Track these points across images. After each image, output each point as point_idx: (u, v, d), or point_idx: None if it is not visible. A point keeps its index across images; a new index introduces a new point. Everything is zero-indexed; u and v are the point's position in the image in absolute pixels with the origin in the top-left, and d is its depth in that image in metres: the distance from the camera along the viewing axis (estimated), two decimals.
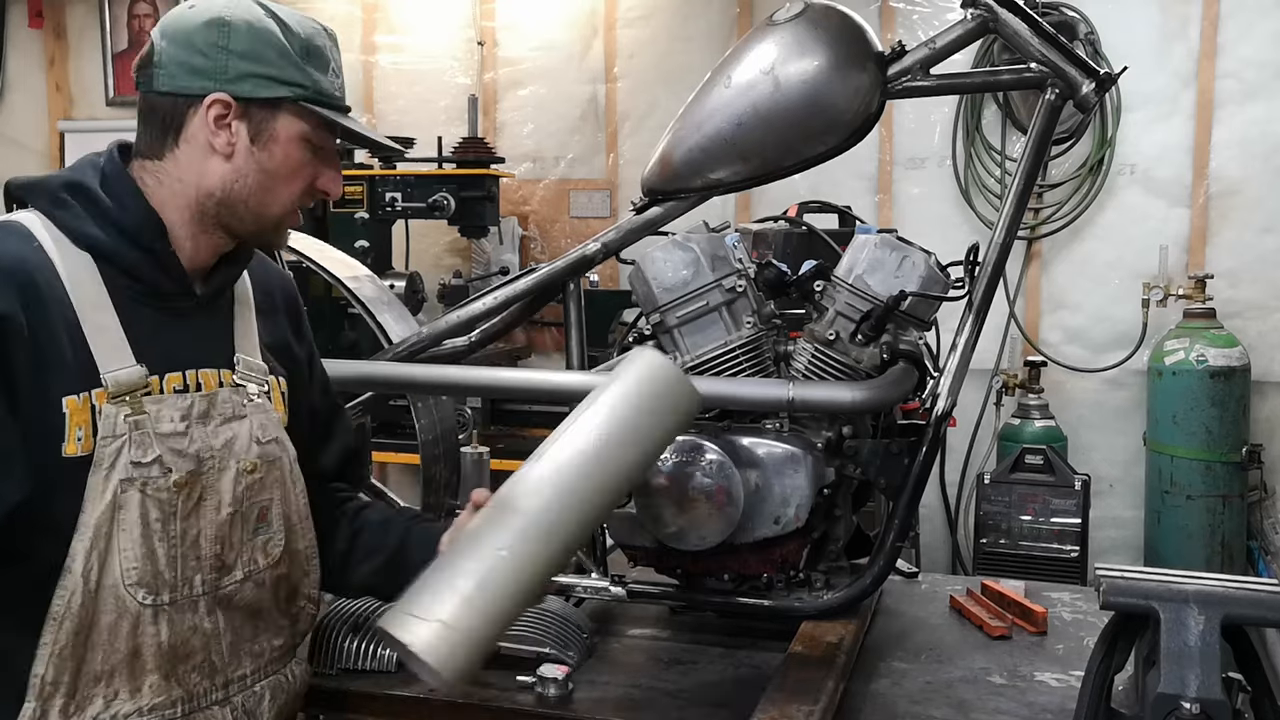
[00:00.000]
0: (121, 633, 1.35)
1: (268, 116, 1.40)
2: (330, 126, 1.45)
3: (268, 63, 1.39)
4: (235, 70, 1.37)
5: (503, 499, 1.41)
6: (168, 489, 1.36)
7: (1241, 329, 4.31)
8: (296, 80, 1.41)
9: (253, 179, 1.41)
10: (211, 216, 1.43)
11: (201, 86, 1.37)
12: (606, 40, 5.29)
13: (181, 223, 1.42)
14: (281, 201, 1.45)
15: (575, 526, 1.41)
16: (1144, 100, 4.53)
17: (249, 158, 1.41)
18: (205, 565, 1.41)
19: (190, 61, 1.37)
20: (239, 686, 1.48)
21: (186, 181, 1.41)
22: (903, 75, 1.98)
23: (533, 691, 1.77)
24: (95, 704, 1.34)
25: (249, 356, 1.51)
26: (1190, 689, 1.31)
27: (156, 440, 1.36)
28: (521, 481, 1.41)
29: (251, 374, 1.50)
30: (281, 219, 1.47)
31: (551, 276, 2.19)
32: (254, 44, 1.38)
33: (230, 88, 1.37)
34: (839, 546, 2.06)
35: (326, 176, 1.48)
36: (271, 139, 1.41)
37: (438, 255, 5.46)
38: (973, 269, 1.98)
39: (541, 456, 1.43)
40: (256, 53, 1.38)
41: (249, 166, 1.41)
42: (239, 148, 1.40)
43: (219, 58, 1.37)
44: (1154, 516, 4.33)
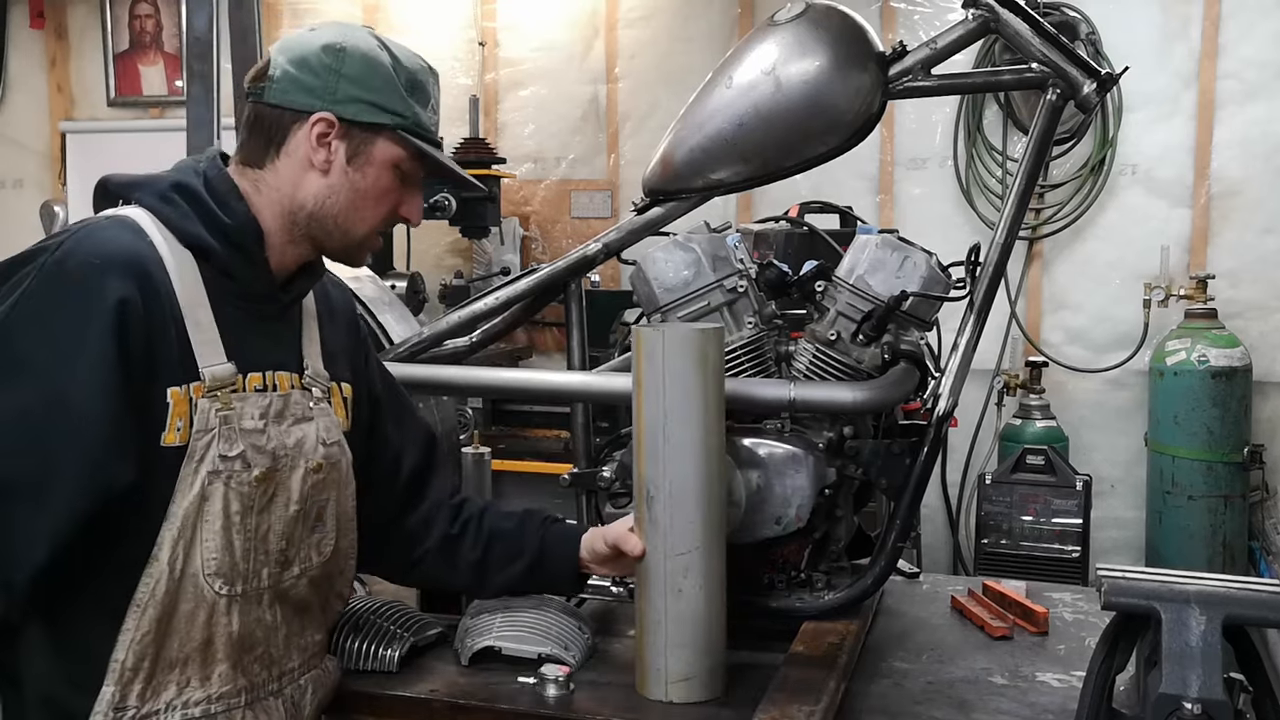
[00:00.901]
0: (198, 621, 1.40)
1: (367, 140, 1.48)
2: (422, 157, 1.52)
3: (375, 90, 1.46)
4: (344, 93, 1.45)
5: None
6: (249, 483, 1.42)
7: (1243, 329, 4.31)
8: (399, 110, 1.48)
9: (344, 197, 1.49)
10: (302, 228, 1.49)
11: (309, 104, 1.45)
12: (607, 41, 5.29)
13: (274, 230, 1.49)
14: (367, 221, 1.53)
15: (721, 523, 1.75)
16: (1145, 100, 4.53)
17: (343, 176, 1.48)
18: (272, 560, 1.47)
19: (303, 79, 1.45)
20: (289, 679, 1.55)
21: (283, 191, 1.48)
22: (904, 75, 1.98)
23: (533, 691, 1.77)
24: (169, 690, 1.39)
25: (315, 363, 1.57)
26: (1192, 689, 1.31)
27: (240, 435, 1.42)
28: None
29: (317, 380, 1.56)
30: (365, 238, 1.55)
31: (553, 277, 2.19)
32: (365, 71, 1.46)
33: (336, 108, 1.45)
34: (840, 547, 2.06)
35: (410, 204, 1.57)
36: (367, 162, 1.48)
37: (439, 255, 5.46)
38: (974, 269, 1.98)
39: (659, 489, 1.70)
40: (366, 79, 1.46)
41: (342, 184, 1.48)
42: (336, 166, 1.47)
43: (330, 79, 1.45)
44: (1155, 517, 4.33)
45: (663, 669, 1.73)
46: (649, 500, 1.72)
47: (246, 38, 2.72)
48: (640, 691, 1.76)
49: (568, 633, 1.89)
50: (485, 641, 1.87)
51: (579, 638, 1.90)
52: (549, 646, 1.85)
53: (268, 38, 5.13)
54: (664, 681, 1.73)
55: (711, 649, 1.75)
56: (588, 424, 2.14)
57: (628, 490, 1.99)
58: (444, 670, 1.88)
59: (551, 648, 1.85)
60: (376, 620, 1.88)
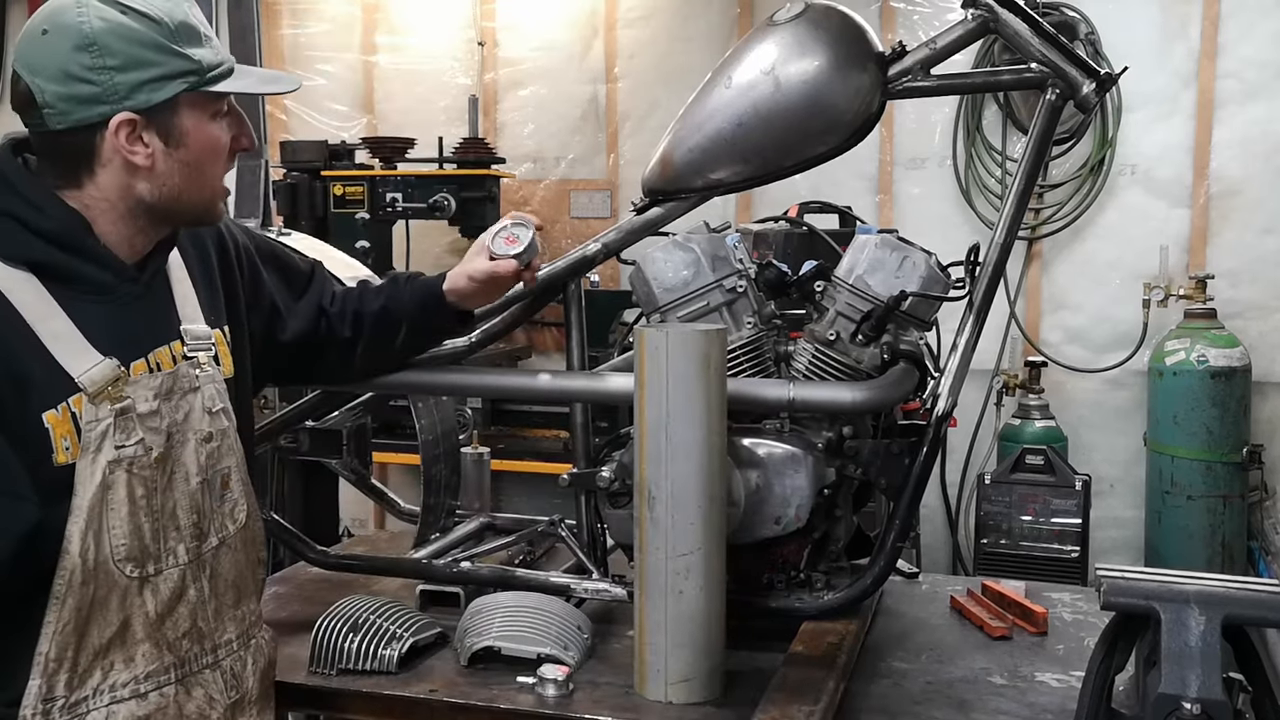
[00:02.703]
0: (112, 606, 1.40)
1: (172, 114, 1.41)
2: (223, 95, 1.46)
3: (150, 64, 1.37)
4: (125, 85, 1.36)
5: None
6: (150, 465, 1.42)
7: (1242, 329, 4.31)
8: (183, 69, 1.40)
9: (179, 176, 1.43)
10: (146, 217, 1.44)
11: (101, 113, 1.36)
12: (607, 40, 5.29)
13: (115, 230, 1.43)
14: (211, 180, 1.48)
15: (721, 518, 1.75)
16: (1144, 100, 4.53)
17: (169, 160, 1.42)
18: (186, 534, 1.47)
19: (76, 93, 1.35)
20: (226, 650, 1.55)
21: (114, 199, 1.42)
22: (903, 75, 1.98)
23: (533, 691, 1.77)
24: (94, 676, 1.40)
25: (192, 325, 1.53)
26: (1191, 689, 1.31)
27: (138, 421, 1.40)
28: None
29: (198, 341, 1.53)
30: (214, 196, 1.50)
31: (552, 277, 2.18)
32: (128, 50, 1.36)
33: (127, 104, 1.37)
34: (839, 547, 2.06)
35: (239, 136, 1.50)
36: (184, 134, 1.42)
37: (438, 255, 5.46)
38: (973, 269, 1.98)
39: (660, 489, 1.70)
40: (135, 58, 1.36)
41: (170, 168, 1.43)
42: (157, 155, 1.41)
43: (103, 79, 1.35)
44: (1154, 517, 4.33)
45: (663, 669, 1.73)
46: (650, 501, 1.72)
47: (246, 37, 2.73)
48: (640, 692, 1.76)
49: (567, 633, 1.89)
50: (485, 642, 1.87)
51: (578, 638, 1.90)
52: (548, 646, 1.85)
53: (266, 37, 5.14)
54: (664, 682, 1.73)
55: (711, 650, 1.75)
56: (587, 424, 2.14)
57: (627, 490, 1.99)
58: (444, 670, 1.88)
59: (551, 648, 1.85)
60: (376, 620, 1.88)
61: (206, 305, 1.57)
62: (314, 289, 1.85)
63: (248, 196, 2.84)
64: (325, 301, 1.84)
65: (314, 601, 2.16)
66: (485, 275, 1.80)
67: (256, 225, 2.72)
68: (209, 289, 1.59)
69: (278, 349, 1.77)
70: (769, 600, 2.00)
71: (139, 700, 1.43)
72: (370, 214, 4.74)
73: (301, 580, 2.37)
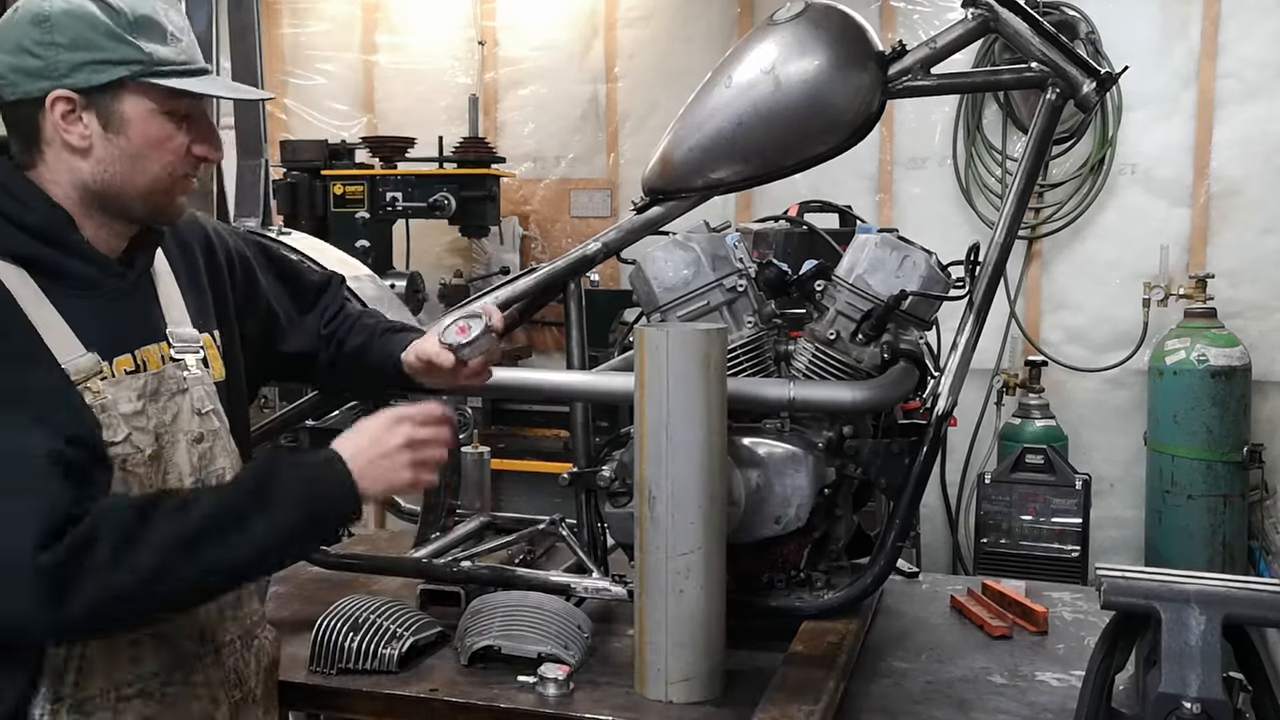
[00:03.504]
0: None
1: (111, 100, 1.38)
2: (176, 94, 1.41)
3: (96, 47, 1.36)
4: (67, 63, 1.36)
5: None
6: (144, 464, 1.42)
7: (1242, 329, 4.31)
8: (129, 58, 1.38)
9: (119, 164, 1.40)
10: (99, 207, 1.43)
11: (41, 88, 1.36)
12: (607, 40, 5.29)
13: (79, 217, 1.43)
14: (157, 177, 1.43)
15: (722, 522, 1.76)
16: (1145, 100, 4.53)
17: (107, 145, 1.39)
18: None
19: (24, 65, 1.36)
20: (230, 650, 1.55)
21: (62, 182, 1.41)
22: (903, 75, 1.98)
23: (533, 691, 1.78)
24: (98, 677, 1.39)
25: (179, 328, 1.52)
26: (1191, 689, 1.31)
27: (122, 420, 1.40)
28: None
29: (186, 344, 1.52)
30: (166, 193, 1.45)
31: (552, 276, 2.19)
32: (79, 31, 1.36)
33: (66, 82, 1.36)
34: (840, 546, 2.06)
35: (200, 145, 1.46)
36: (123, 122, 1.39)
37: (438, 255, 5.46)
38: (973, 269, 1.98)
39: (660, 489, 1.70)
40: (83, 39, 1.36)
41: (110, 154, 1.40)
42: (95, 138, 1.39)
43: (48, 54, 1.35)
44: (1155, 516, 4.33)
45: (663, 669, 1.73)
46: (651, 501, 1.72)
47: (246, 37, 2.72)
48: (640, 691, 1.76)
49: (567, 632, 1.89)
50: (485, 641, 1.87)
51: (578, 637, 1.90)
52: (548, 646, 1.85)
53: (267, 37, 5.14)
54: (664, 681, 1.73)
55: (712, 649, 1.75)
56: (587, 423, 2.14)
57: (627, 489, 1.99)
58: (444, 670, 1.88)
59: (551, 647, 1.85)
60: (376, 620, 1.88)
61: (194, 309, 1.56)
62: (321, 304, 1.83)
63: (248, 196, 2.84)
64: (325, 319, 1.82)
65: (314, 601, 2.16)
66: (426, 360, 1.69)
67: (257, 225, 2.72)
68: (196, 292, 1.58)
69: (274, 355, 1.76)
70: (769, 600, 2.00)
71: (145, 699, 1.42)
72: (370, 213, 4.73)
73: (302, 580, 2.37)
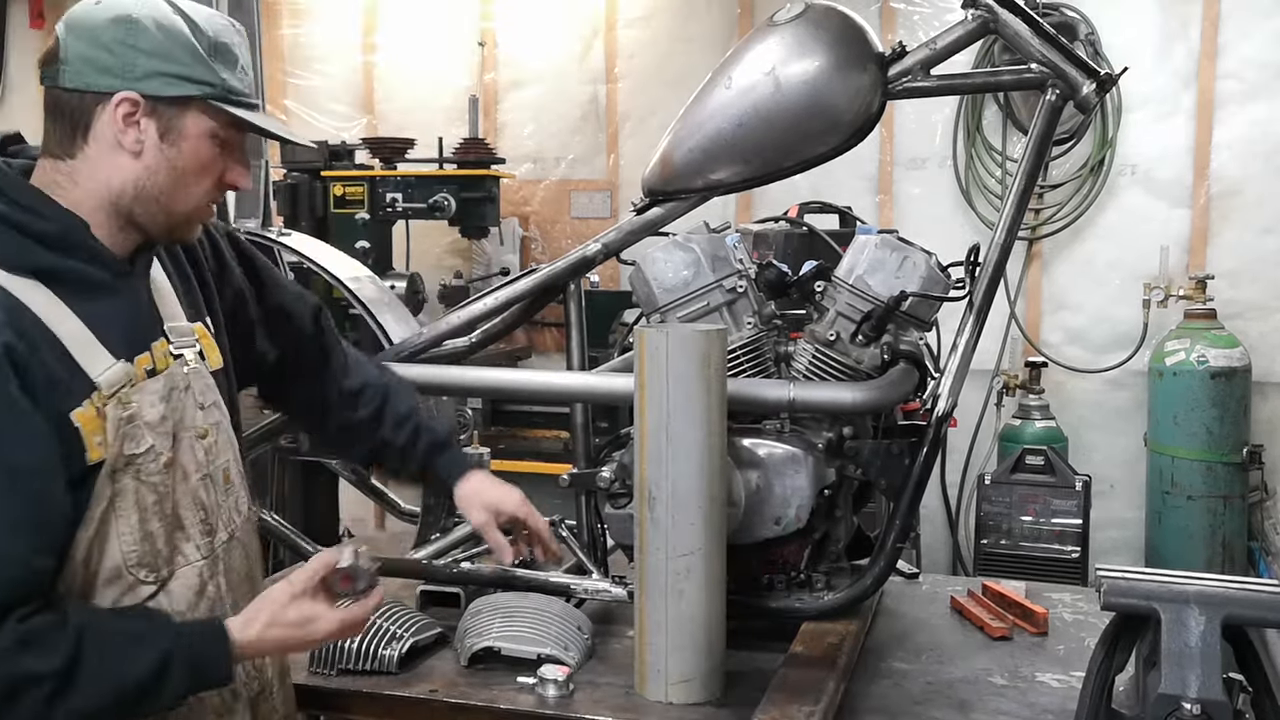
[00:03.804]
0: (143, 598, 1.40)
1: (177, 115, 1.40)
2: (238, 124, 1.45)
3: (175, 61, 1.38)
4: (143, 68, 1.37)
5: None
6: (160, 471, 1.41)
7: (1242, 330, 4.31)
8: (204, 79, 1.40)
9: (163, 176, 1.41)
10: (125, 214, 1.43)
11: (109, 84, 1.37)
12: (607, 41, 5.29)
13: (98, 222, 1.42)
14: (193, 197, 1.46)
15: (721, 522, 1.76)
16: (1145, 101, 4.53)
17: (158, 155, 1.40)
18: (194, 533, 1.47)
19: (97, 58, 1.36)
20: None
21: (99, 180, 1.40)
22: (903, 76, 1.98)
23: (533, 692, 1.77)
24: None
25: (174, 322, 1.52)
26: (1191, 689, 1.31)
27: (146, 429, 1.40)
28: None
29: (183, 339, 1.52)
30: (192, 214, 1.48)
31: (552, 277, 2.19)
32: (162, 42, 1.37)
33: (138, 86, 1.37)
34: (840, 547, 2.06)
35: (234, 172, 1.49)
36: (181, 137, 1.41)
37: (438, 256, 5.46)
38: (973, 269, 1.98)
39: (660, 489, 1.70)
40: (164, 51, 1.37)
41: (159, 164, 1.41)
42: (148, 145, 1.39)
43: (126, 55, 1.36)
44: (1155, 517, 4.33)
45: (663, 670, 1.73)
46: (651, 502, 1.72)
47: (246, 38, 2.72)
48: (640, 692, 1.76)
49: (567, 633, 1.89)
50: (485, 642, 1.87)
51: (578, 638, 1.90)
52: (548, 647, 1.85)
53: (267, 37, 5.14)
54: (664, 682, 1.73)
55: (712, 650, 1.75)
56: (587, 424, 2.14)
57: (627, 490, 1.99)
58: (444, 670, 1.88)
59: (551, 648, 1.85)
60: (376, 620, 1.88)
61: (184, 300, 1.56)
62: (297, 326, 1.84)
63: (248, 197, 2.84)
64: (303, 348, 1.84)
65: None
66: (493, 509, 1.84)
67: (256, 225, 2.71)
68: (183, 283, 1.58)
69: (251, 353, 1.75)
70: (769, 601, 2.00)
71: None
72: (370, 214, 4.73)
73: None
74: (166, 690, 1.34)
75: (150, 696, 1.34)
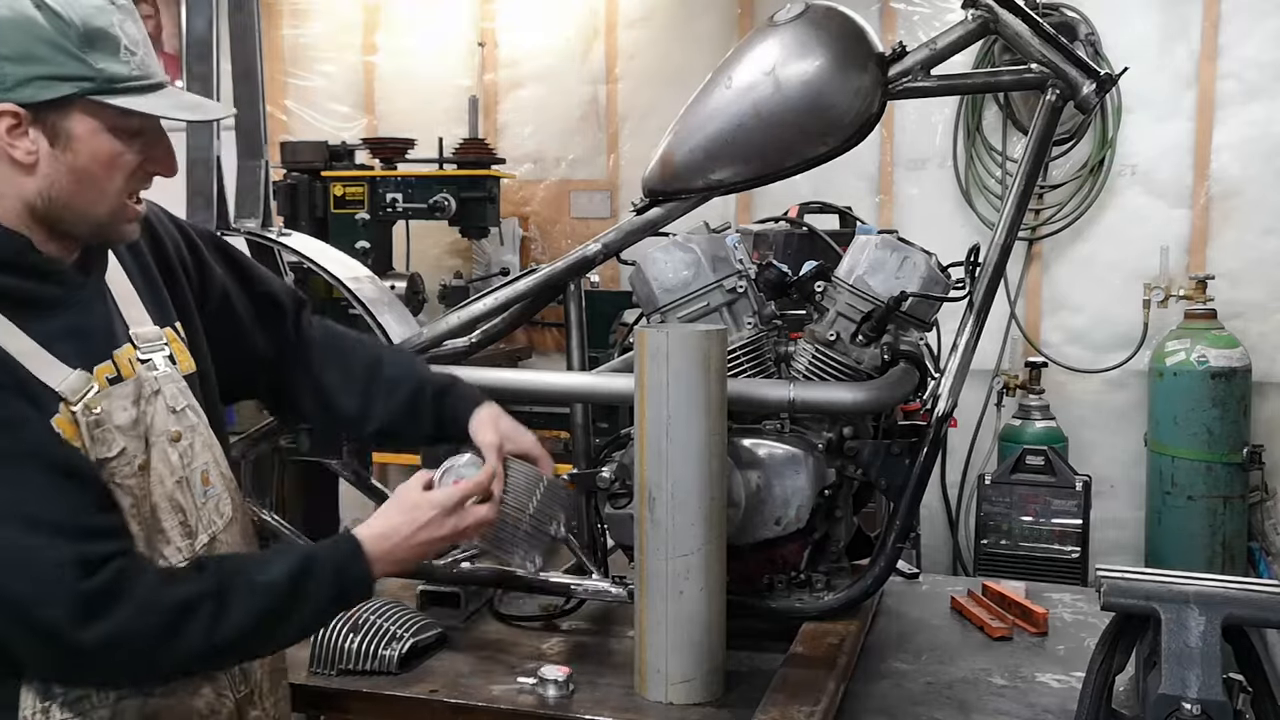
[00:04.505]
0: None
1: (59, 117, 1.32)
2: (128, 113, 1.35)
3: (43, 61, 1.29)
4: (13, 76, 1.29)
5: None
6: (134, 475, 1.40)
7: (1242, 330, 4.31)
8: (78, 74, 1.31)
9: (66, 182, 1.35)
10: (48, 225, 1.38)
11: None
12: (607, 41, 5.29)
13: (30, 235, 1.37)
14: (109, 197, 1.38)
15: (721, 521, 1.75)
16: (1145, 101, 4.53)
17: (54, 163, 1.33)
18: (176, 534, 1.45)
19: None
20: None
21: (9, 197, 1.35)
22: (903, 76, 1.98)
23: (533, 692, 1.77)
24: None
25: (140, 327, 1.49)
26: (1191, 690, 1.31)
27: (117, 433, 1.38)
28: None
29: (150, 344, 1.49)
30: (113, 213, 1.40)
31: (552, 277, 2.19)
32: (24, 43, 1.29)
33: (11, 96, 1.29)
34: (840, 547, 2.06)
35: (155, 158, 1.42)
36: (72, 139, 1.33)
37: (438, 256, 5.46)
38: (973, 270, 1.98)
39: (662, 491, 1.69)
40: (29, 52, 1.29)
41: (57, 171, 1.34)
42: (42, 155, 1.32)
43: None
44: (1155, 517, 4.33)
45: (663, 670, 1.73)
46: (651, 502, 1.72)
47: (246, 38, 2.72)
48: (640, 692, 1.76)
49: (551, 499, 1.67)
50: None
51: (558, 499, 1.68)
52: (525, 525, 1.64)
53: (267, 38, 5.14)
54: (664, 683, 1.73)
55: (712, 651, 1.75)
56: (587, 424, 2.14)
57: (627, 491, 1.99)
58: (444, 670, 1.88)
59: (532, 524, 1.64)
60: (376, 620, 1.88)
61: (151, 305, 1.52)
62: (288, 324, 1.79)
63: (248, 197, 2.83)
64: (294, 339, 1.79)
65: None
66: None
67: (256, 226, 2.71)
68: (150, 288, 1.54)
69: (245, 359, 1.72)
70: (769, 601, 2.00)
71: (146, 697, 1.41)
72: (370, 214, 4.73)
73: None
74: (313, 593, 1.39)
75: (300, 603, 1.38)
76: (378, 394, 1.78)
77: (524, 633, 2.07)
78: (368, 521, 1.52)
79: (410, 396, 1.78)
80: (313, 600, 1.41)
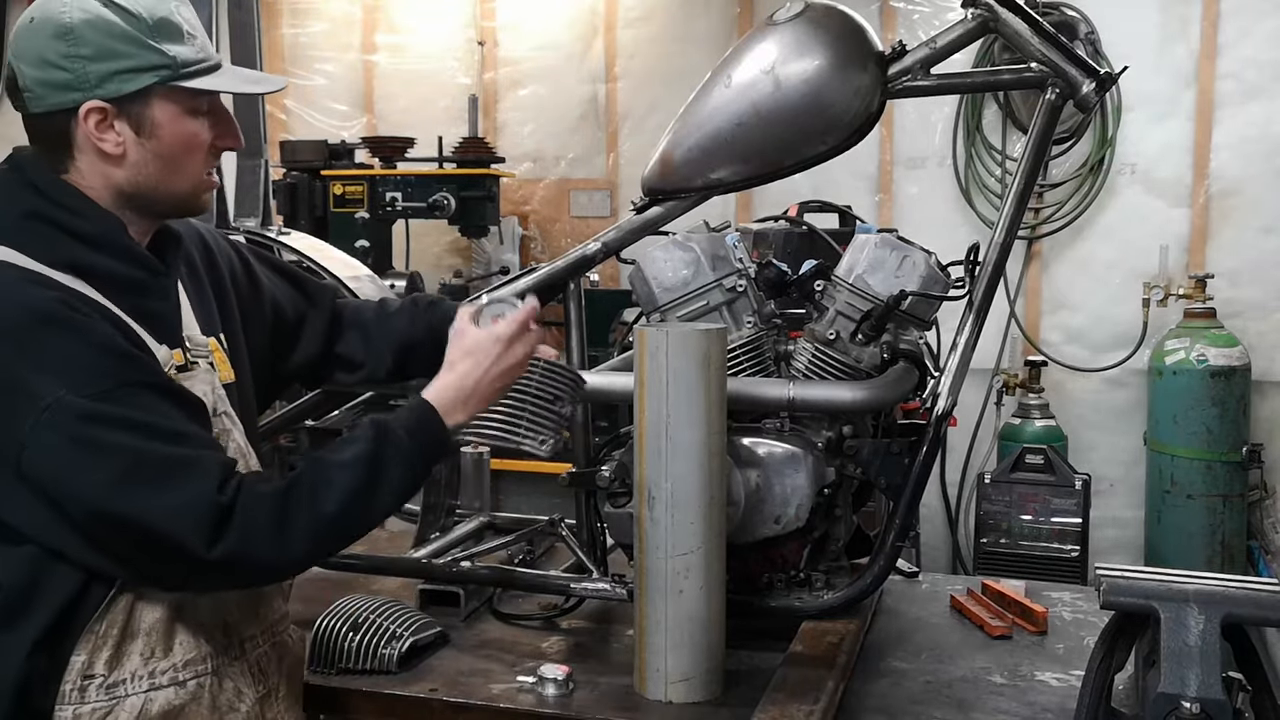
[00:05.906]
0: (155, 596, 1.43)
1: (143, 107, 1.42)
2: (201, 93, 1.46)
3: (123, 56, 1.39)
4: (96, 74, 1.39)
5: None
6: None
7: (1242, 329, 4.31)
8: (155, 63, 1.41)
9: (154, 167, 1.45)
10: (133, 208, 1.47)
11: (72, 100, 1.39)
12: (607, 40, 5.29)
13: (125, 220, 1.46)
14: (191, 173, 1.49)
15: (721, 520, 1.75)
16: (1144, 100, 4.53)
17: (141, 150, 1.43)
18: None
19: (52, 78, 1.39)
20: (252, 645, 1.57)
21: (97, 186, 1.44)
22: (903, 75, 1.98)
23: (533, 691, 1.78)
24: (134, 660, 1.41)
25: (191, 330, 1.55)
26: (1190, 688, 1.32)
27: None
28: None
29: (197, 349, 1.55)
30: (195, 188, 1.51)
31: (552, 276, 2.18)
32: (102, 41, 1.39)
33: (97, 92, 1.39)
34: (839, 546, 2.06)
35: (223, 134, 1.52)
36: (155, 126, 1.43)
37: (438, 255, 5.46)
38: (973, 269, 1.98)
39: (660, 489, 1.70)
40: (108, 49, 1.39)
41: (145, 158, 1.44)
42: (129, 144, 1.43)
43: (77, 67, 1.38)
44: (1154, 516, 4.34)
45: (663, 669, 1.73)
46: (650, 501, 1.72)
47: (246, 37, 2.73)
48: (640, 691, 1.76)
49: (550, 382, 1.65)
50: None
51: (566, 382, 1.66)
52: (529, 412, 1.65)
53: (267, 37, 5.14)
54: (664, 681, 1.73)
55: (711, 650, 1.75)
56: (587, 424, 2.14)
57: (627, 489, 1.99)
58: (444, 670, 1.88)
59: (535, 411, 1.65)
60: (376, 619, 1.88)
61: (200, 313, 1.59)
62: (327, 302, 1.86)
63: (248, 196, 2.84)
64: (336, 314, 1.86)
65: (314, 601, 2.16)
66: None
67: (256, 225, 2.72)
68: (200, 298, 1.60)
69: (287, 357, 1.79)
70: (769, 600, 2.00)
71: (177, 688, 1.44)
72: (370, 213, 4.74)
73: (301, 580, 2.35)
74: (396, 448, 1.44)
75: (388, 462, 1.44)
76: (385, 322, 1.85)
77: (524, 631, 2.07)
78: (437, 376, 1.55)
79: (409, 305, 1.88)
80: (395, 467, 1.45)
